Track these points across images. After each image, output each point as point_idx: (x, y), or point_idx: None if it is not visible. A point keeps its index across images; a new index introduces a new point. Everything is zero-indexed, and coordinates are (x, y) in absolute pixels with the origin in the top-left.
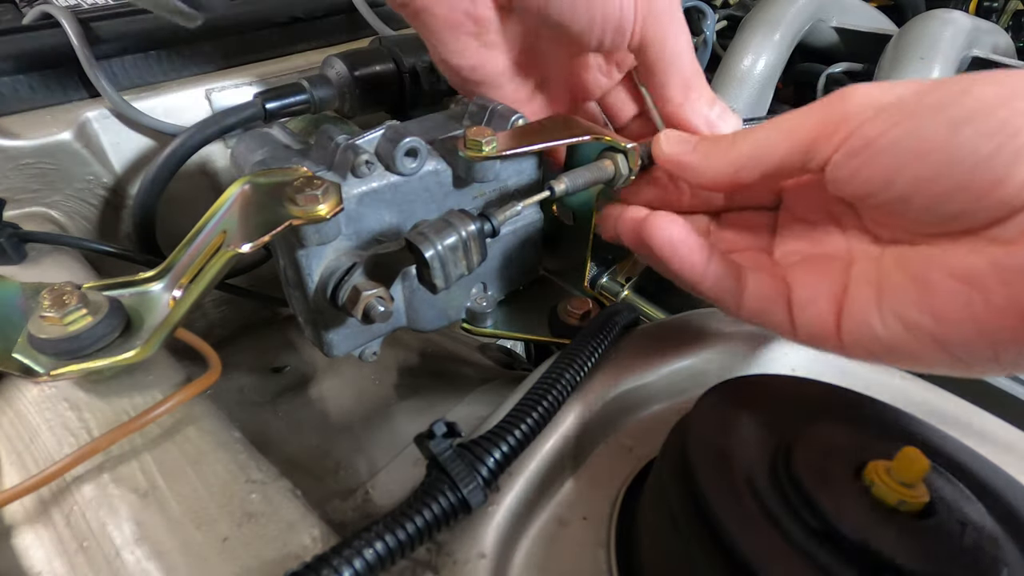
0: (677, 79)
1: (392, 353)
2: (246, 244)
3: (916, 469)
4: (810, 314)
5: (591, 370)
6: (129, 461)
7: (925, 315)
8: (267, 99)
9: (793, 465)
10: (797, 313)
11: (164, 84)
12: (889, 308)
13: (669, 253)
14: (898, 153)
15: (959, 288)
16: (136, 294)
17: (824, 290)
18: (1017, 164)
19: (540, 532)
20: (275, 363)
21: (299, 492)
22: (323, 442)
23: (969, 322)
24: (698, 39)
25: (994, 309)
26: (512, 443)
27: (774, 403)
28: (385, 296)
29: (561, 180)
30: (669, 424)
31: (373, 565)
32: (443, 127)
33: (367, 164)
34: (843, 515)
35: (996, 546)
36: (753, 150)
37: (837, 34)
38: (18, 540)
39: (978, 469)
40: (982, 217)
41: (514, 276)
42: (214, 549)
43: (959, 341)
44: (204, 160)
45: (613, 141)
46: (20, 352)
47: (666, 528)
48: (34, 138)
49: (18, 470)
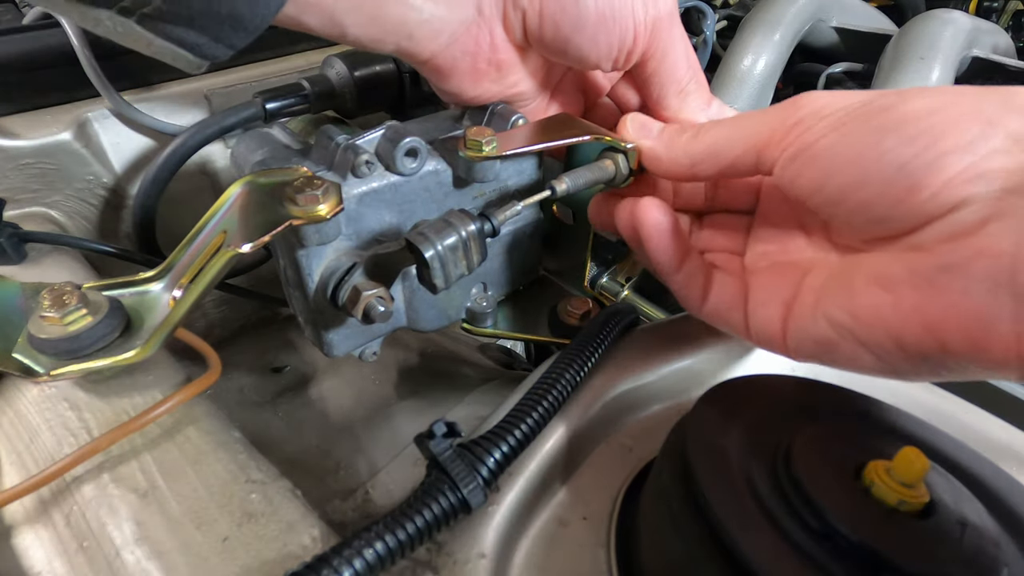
0: (673, 87)
1: (392, 353)
2: (246, 244)
3: (916, 469)
4: (761, 317)
5: (591, 370)
6: (129, 461)
7: (846, 315)
8: (267, 99)
9: (793, 465)
10: (751, 315)
11: (164, 84)
12: (822, 310)
13: (654, 237)
14: (830, 158)
15: (874, 291)
16: (136, 294)
17: (777, 295)
18: (932, 172)
19: (540, 532)
20: (275, 363)
21: (299, 492)
22: (323, 442)
23: (880, 324)
24: (698, 39)
25: (901, 313)
26: (512, 443)
27: (774, 403)
28: (385, 296)
29: (562, 180)
30: (669, 424)
31: (373, 565)
32: (443, 127)
33: (367, 164)
34: (843, 515)
35: (996, 546)
36: (711, 146)
37: (837, 34)
38: (18, 540)
39: (978, 469)
40: (901, 223)
41: (514, 276)
42: (214, 549)
43: (874, 342)
44: (204, 160)
45: (613, 141)
46: (20, 352)
47: (666, 528)
48: (34, 138)
49: (18, 470)
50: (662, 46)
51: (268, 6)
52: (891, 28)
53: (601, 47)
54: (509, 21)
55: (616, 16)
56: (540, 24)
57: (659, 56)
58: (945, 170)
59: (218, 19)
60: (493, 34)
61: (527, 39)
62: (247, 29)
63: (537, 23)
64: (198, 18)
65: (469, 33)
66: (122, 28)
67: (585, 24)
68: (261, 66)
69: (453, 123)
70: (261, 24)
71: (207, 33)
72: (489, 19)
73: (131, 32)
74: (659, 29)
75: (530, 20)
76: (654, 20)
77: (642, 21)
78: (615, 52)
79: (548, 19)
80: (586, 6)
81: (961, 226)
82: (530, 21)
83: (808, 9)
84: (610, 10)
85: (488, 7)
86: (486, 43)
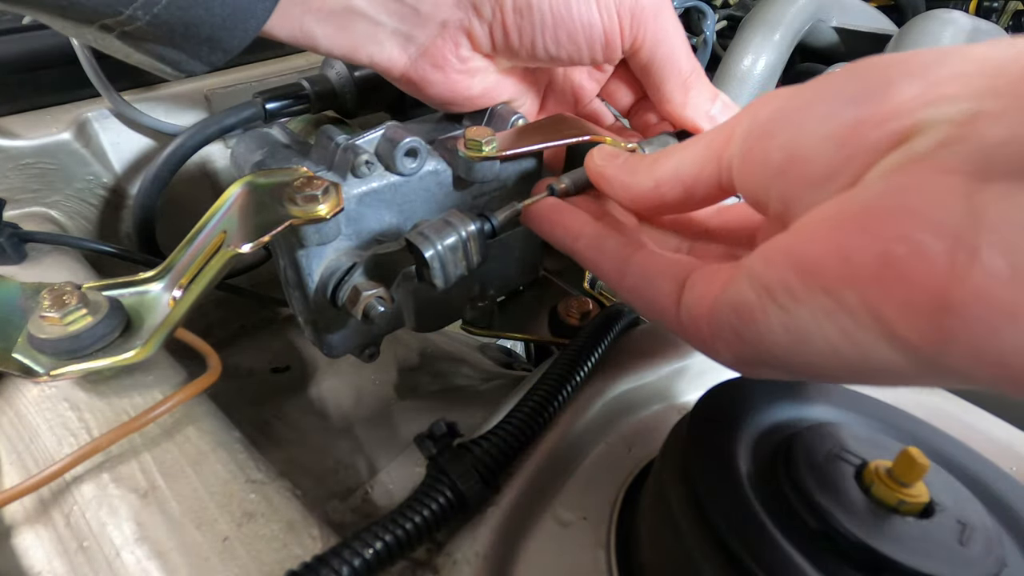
0: (675, 78)
1: (392, 353)
2: (246, 244)
3: (916, 469)
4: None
5: (591, 370)
6: (129, 461)
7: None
8: (267, 99)
9: (793, 465)
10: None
11: (164, 84)
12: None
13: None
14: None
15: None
16: (136, 294)
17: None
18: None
19: (540, 532)
20: (275, 363)
21: (299, 492)
22: (323, 442)
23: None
24: (698, 39)
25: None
26: (512, 443)
27: (774, 403)
28: (385, 296)
29: (563, 180)
30: (669, 424)
31: (373, 565)
32: (443, 127)
33: (367, 164)
34: (843, 515)
35: (996, 546)
36: (675, 163)
37: (837, 34)
38: (18, 540)
39: (978, 469)
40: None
41: (514, 276)
42: (214, 549)
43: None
44: (204, 160)
45: (612, 141)
46: (20, 352)
47: (666, 528)
48: (34, 138)
49: (18, 470)
50: (650, 34)
51: (246, 30)
52: (891, 28)
53: (566, 46)
54: (474, 35)
55: (572, 14)
56: (504, 34)
57: (650, 44)
58: (895, 96)
59: (197, 41)
60: (459, 46)
61: (495, 49)
62: (225, 50)
63: (501, 33)
64: (178, 39)
65: (435, 47)
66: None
67: (544, 27)
68: (261, 66)
69: (453, 123)
70: (239, 46)
71: (186, 52)
72: (454, 35)
73: (111, 45)
74: (642, 17)
75: (495, 32)
76: (631, 10)
77: (611, 13)
78: (585, 48)
79: (511, 28)
80: (541, 10)
81: (911, 155)
82: (495, 33)
83: (808, 9)
84: (565, 9)
85: (452, 24)
86: (453, 55)
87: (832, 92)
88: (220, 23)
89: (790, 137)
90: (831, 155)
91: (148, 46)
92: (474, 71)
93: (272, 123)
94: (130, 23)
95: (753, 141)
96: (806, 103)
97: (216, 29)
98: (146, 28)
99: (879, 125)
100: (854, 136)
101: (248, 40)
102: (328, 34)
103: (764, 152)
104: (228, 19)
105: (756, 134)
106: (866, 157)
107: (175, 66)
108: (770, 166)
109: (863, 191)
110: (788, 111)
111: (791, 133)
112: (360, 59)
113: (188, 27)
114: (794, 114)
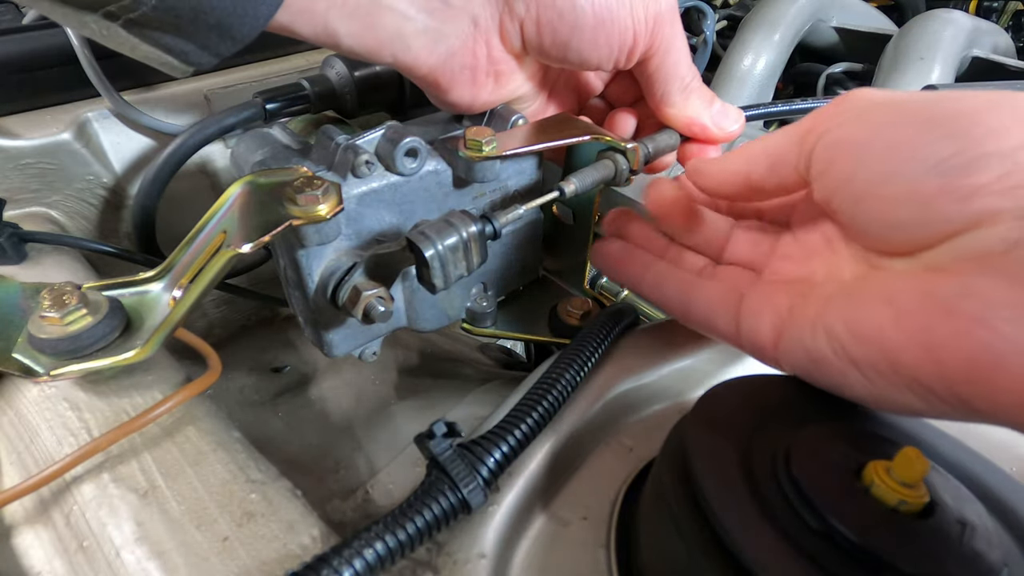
0: (677, 85)
1: (392, 353)
2: (246, 244)
3: (916, 469)
4: (752, 324)
5: (591, 370)
6: (129, 461)
7: (845, 329)
8: (267, 99)
9: (793, 465)
10: (742, 321)
11: (164, 84)
12: (822, 321)
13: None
14: (864, 145)
15: (880, 307)
16: (136, 294)
17: (773, 303)
18: (967, 173)
19: (540, 532)
20: (275, 363)
21: (299, 492)
22: (323, 442)
23: (877, 342)
24: (698, 39)
25: (904, 332)
26: (512, 443)
27: (774, 403)
28: (385, 296)
29: (570, 181)
30: (669, 424)
31: (373, 565)
32: (443, 127)
33: (367, 164)
34: (843, 515)
35: (996, 546)
36: (764, 143)
37: (837, 34)
38: (18, 540)
39: (978, 469)
40: (922, 232)
41: (514, 276)
42: (214, 549)
43: (867, 361)
44: (204, 160)
45: (613, 141)
46: (20, 352)
47: (666, 528)
48: (34, 138)
49: (18, 470)
50: (664, 43)
51: (257, 17)
52: (891, 28)
53: (601, 49)
54: (506, 32)
55: (614, 17)
56: (538, 32)
57: (662, 53)
58: (980, 173)
59: (206, 28)
60: (490, 46)
61: (525, 48)
62: (235, 39)
63: (535, 31)
64: (185, 26)
65: (466, 47)
66: (107, 32)
67: (583, 28)
68: (261, 66)
69: (453, 123)
70: (249, 34)
71: (194, 41)
72: (485, 31)
73: (116, 36)
74: (661, 26)
75: (527, 29)
76: (655, 17)
77: (642, 19)
78: (615, 53)
79: (546, 27)
80: (583, 10)
81: (985, 247)
82: (527, 30)
83: (808, 9)
84: (608, 12)
85: (484, 20)
86: (483, 55)
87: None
88: (230, 8)
89: (878, 173)
90: (912, 211)
91: (154, 35)
92: (499, 74)
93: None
94: (135, 8)
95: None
96: (895, 146)
97: (226, 15)
98: (152, 14)
99: (961, 202)
100: (937, 201)
101: (259, 28)
102: (353, 32)
103: (848, 170)
104: (239, 4)
105: (842, 147)
106: (943, 226)
107: (183, 58)
108: (852, 187)
109: (943, 284)
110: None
111: (880, 169)
112: (383, 59)
113: (196, 12)
114: (889, 152)
